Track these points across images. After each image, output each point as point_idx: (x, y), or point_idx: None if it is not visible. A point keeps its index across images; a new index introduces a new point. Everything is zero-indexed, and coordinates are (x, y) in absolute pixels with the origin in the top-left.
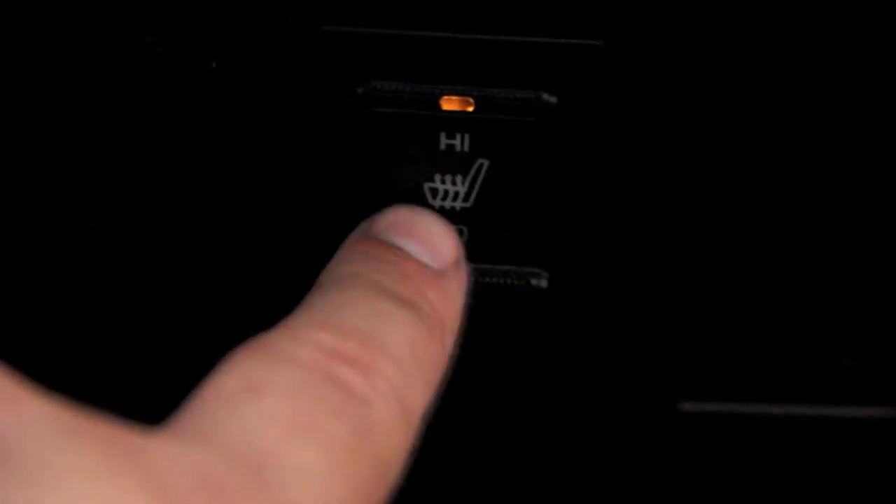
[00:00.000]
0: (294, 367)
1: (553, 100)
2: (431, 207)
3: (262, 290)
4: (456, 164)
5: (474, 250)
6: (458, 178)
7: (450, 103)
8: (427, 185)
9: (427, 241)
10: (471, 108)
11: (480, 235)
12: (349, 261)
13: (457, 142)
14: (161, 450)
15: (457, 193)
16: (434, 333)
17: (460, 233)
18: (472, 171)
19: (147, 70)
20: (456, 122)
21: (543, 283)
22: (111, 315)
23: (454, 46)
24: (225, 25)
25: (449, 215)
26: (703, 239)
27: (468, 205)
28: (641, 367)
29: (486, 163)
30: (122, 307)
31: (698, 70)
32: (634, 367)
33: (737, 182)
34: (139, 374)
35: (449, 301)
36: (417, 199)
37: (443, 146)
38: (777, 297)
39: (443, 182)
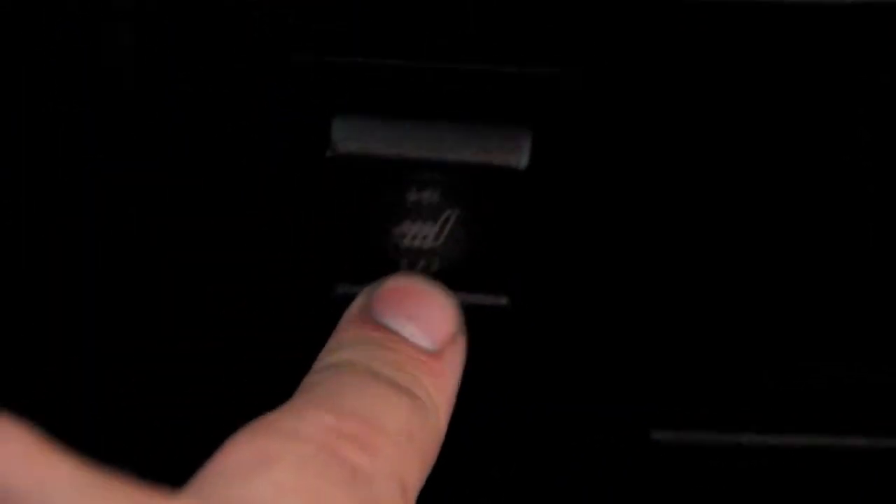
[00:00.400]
0: (302, 444)
1: (522, 164)
2: (399, 247)
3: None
4: (425, 213)
5: (443, 279)
6: (429, 224)
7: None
8: (395, 229)
9: (424, 321)
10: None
11: (448, 267)
12: (345, 346)
13: (425, 195)
14: None
15: (425, 235)
16: (429, 416)
17: (428, 266)
18: (442, 219)
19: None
20: (426, 178)
21: (504, 302)
22: (106, 315)
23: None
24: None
25: (417, 252)
26: (677, 268)
27: (437, 243)
28: (611, 390)
29: (455, 213)
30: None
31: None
32: (603, 391)
33: (712, 203)
34: (138, 374)
35: (444, 383)
36: (386, 240)
37: (412, 199)
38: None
39: (412, 227)
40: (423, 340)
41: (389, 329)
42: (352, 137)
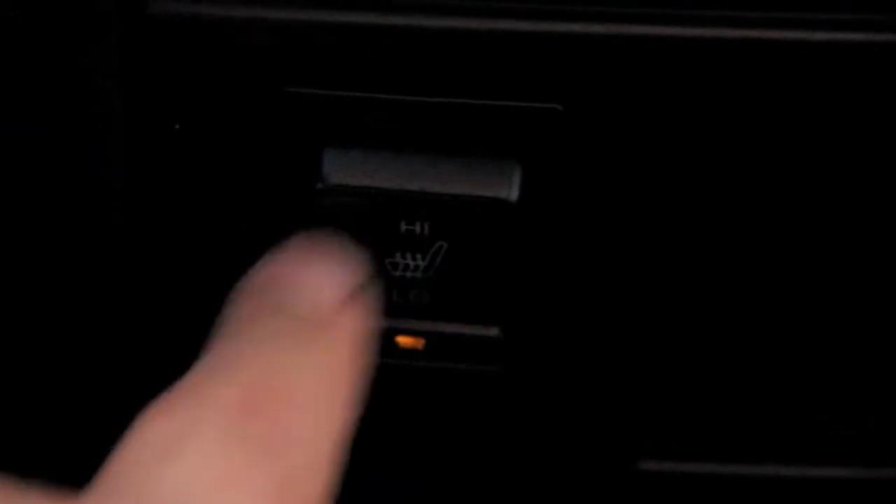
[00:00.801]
0: (211, 421)
1: (513, 197)
2: (390, 277)
3: None
4: (415, 244)
5: (434, 310)
6: (419, 256)
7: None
8: (386, 260)
9: (310, 288)
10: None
11: (440, 298)
12: (241, 319)
13: (416, 227)
14: None
15: (416, 266)
16: (330, 382)
17: (419, 296)
18: (433, 250)
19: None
20: (416, 209)
21: (495, 333)
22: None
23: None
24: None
25: (407, 283)
26: (665, 300)
27: (428, 275)
28: (599, 420)
29: (445, 244)
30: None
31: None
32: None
33: (699, 235)
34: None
35: (341, 346)
36: (376, 271)
37: (402, 230)
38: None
39: (403, 258)
40: (311, 306)
41: (279, 299)
42: (343, 169)
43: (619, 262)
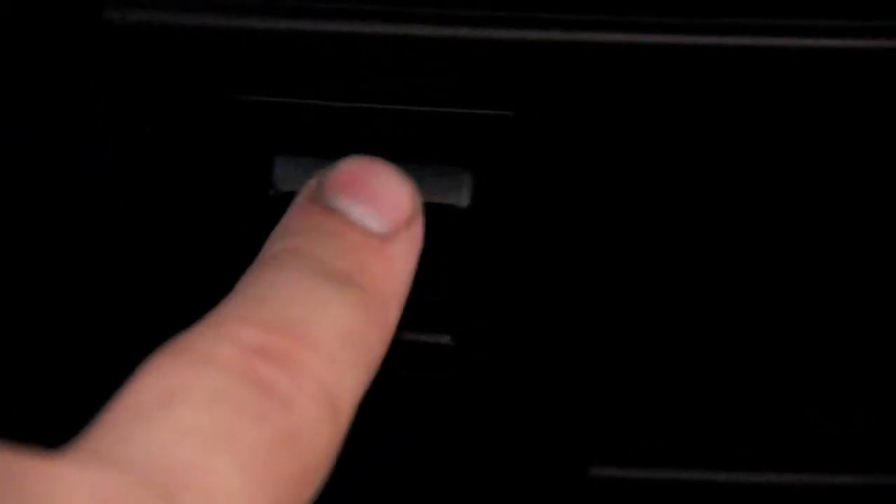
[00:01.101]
0: (213, 372)
1: (464, 203)
2: None
3: None
4: None
5: None
6: None
7: None
8: None
9: (375, 202)
10: None
11: None
12: (289, 234)
13: None
14: (57, 473)
15: None
16: (373, 313)
17: None
18: None
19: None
20: None
21: (446, 341)
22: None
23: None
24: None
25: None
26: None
27: None
28: (549, 426)
29: None
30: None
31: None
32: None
33: (651, 241)
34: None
35: (394, 271)
36: None
37: None
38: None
39: None
40: (374, 222)
41: (337, 212)
42: (294, 177)
43: (571, 269)
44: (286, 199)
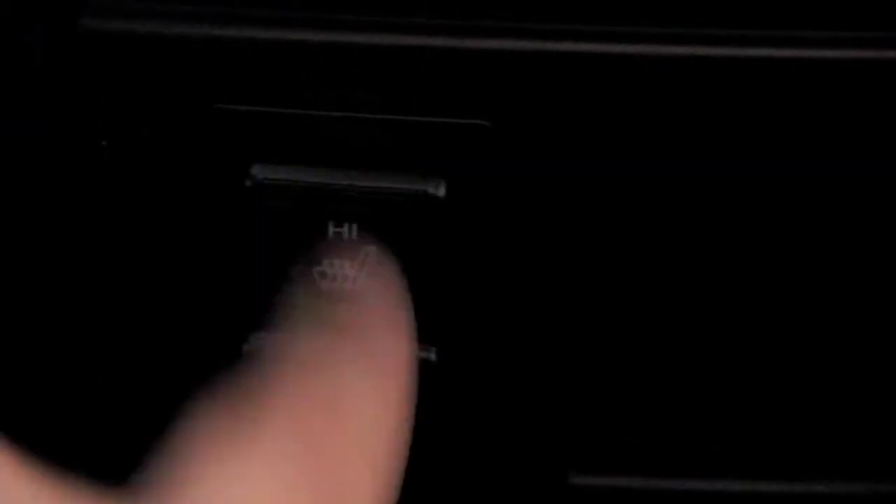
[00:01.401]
0: (262, 435)
1: (441, 192)
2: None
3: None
4: (344, 250)
5: None
6: (346, 263)
7: None
8: (316, 269)
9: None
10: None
11: None
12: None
13: (344, 230)
14: None
15: (345, 276)
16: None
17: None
18: (361, 257)
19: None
20: (343, 212)
21: (433, 357)
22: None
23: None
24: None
25: (338, 294)
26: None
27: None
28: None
29: (373, 249)
30: None
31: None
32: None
33: (628, 249)
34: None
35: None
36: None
37: (330, 234)
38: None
39: (331, 266)
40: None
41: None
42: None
43: (550, 277)
44: (262, 189)
